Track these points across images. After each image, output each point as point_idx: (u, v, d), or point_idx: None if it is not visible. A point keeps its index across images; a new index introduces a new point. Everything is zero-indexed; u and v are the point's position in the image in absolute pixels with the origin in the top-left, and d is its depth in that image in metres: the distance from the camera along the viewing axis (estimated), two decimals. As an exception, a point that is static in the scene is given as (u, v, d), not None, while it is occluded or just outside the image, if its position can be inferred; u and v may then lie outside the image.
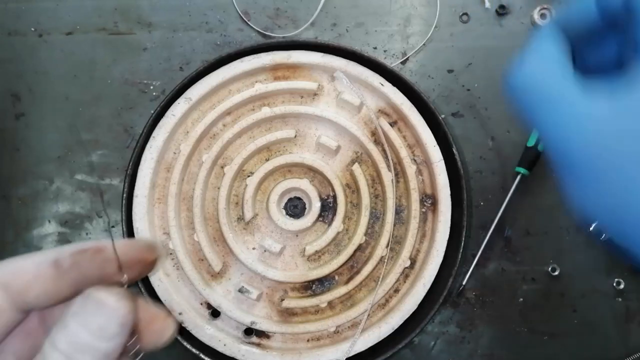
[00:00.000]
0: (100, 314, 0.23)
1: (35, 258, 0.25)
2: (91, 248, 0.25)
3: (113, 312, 0.23)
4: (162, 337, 0.26)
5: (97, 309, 0.23)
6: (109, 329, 0.22)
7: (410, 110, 0.50)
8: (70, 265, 0.24)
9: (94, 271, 0.25)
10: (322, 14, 0.56)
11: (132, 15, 0.55)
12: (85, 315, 0.23)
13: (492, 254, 0.54)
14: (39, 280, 0.24)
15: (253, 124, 0.50)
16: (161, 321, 0.26)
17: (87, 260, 0.25)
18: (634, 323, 0.54)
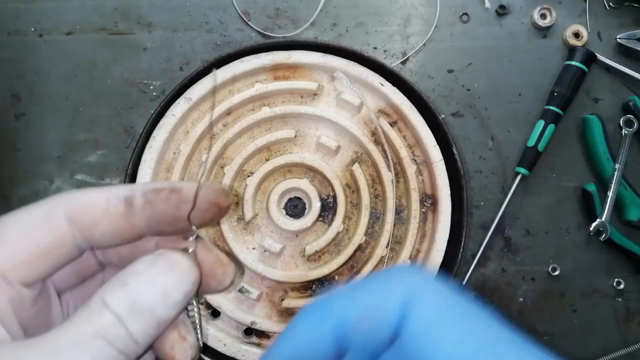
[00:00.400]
0: (170, 276, 0.21)
1: (106, 193, 0.23)
2: (166, 188, 0.23)
3: (184, 276, 0.21)
4: (223, 283, 0.25)
5: (168, 269, 0.21)
6: (174, 294, 0.21)
7: (410, 110, 0.50)
8: (143, 203, 0.23)
9: (168, 211, 0.23)
10: (322, 14, 0.56)
11: (132, 15, 0.55)
12: (152, 274, 0.21)
13: (492, 254, 0.54)
14: (108, 216, 0.22)
15: (253, 124, 0.50)
16: (223, 267, 0.25)
17: (161, 199, 0.23)
18: (634, 323, 0.54)
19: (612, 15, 0.57)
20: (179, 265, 0.22)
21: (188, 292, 0.21)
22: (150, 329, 0.21)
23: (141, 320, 0.20)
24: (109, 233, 0.23)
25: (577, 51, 0.54)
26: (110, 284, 0.21)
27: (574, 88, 0.54)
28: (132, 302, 0.20)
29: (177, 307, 0.21)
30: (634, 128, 0.55)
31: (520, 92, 0.56)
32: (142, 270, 0.21)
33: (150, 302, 0.20)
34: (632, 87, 0.56)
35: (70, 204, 0.22)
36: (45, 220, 0.22)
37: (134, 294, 0.20)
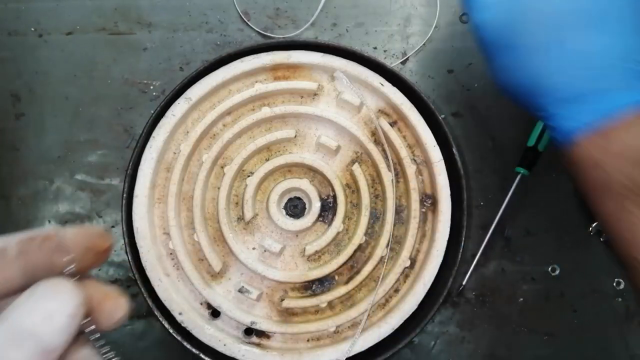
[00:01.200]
0: (51, 299, 0.21)
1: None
2: (39, 235, 0.23)
3: (66, 298, 0.21)
4: (113, 318, 0.24)
5: (49, 293, 0.21)
6: (57, 317, 0.21)
7: (410, 110, 0.50)
8: (17, 253, 0.23)
9: (43, 259, 0.23)
10: (322, 14, 0.56)
11: (132, 15, 0.55)
12: (33, 302, 0.21)
13: (492, 254, 0.54)
14: (3, 259, 0.22)
15: (253, 124, 0.50)
16: (112, 300, 0.24)
17: (35, 248, 0.23)
18: (634, 323, 0.54)
19: (612, 15, 0.57)
20: (60, 287, 0.21)
21: (73, 315, 0.21)
22: (34, 356, 0.20)
23: (22, 348, 0.20)
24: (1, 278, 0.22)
25: (577, 51, 0.54)
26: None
27: (574, 88, 0.54)
28: (13, 332, 0.20)
29: (64, 332, 0.21)
30: (634, 128, 0.55)
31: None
32: (23, 301, 0.21)
33: (32, 329, 0.20)
34: (632, 87, 0.56)
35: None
36: None
37: (15, 325, 0.20)
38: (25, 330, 0.20)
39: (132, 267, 0.47)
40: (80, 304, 0.21)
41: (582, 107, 0.30)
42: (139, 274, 0.48)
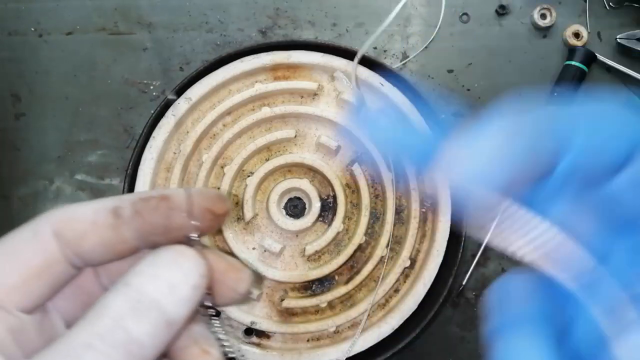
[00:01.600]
0: (175, 268, 0.19)
1: (92, 205, 0.22)
2: (155, 196, 0.22)
3: (190, 268, 0.20)
4: (237, 290, 0.23)
5: (172, 262, 0.20)
6: (181, 287, 0.19)
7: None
8: (131, 213, 0.21)
9: (159, 220, 0.21)
10: (322, 14, 0.56)
11: (132, 15, 0.55)
12: (156, 269, 0.19)
13: (492, 254, 0.54)
14: (96, 228, 0.21)
15: (253, 124, 0.50)
16: (236, 272, 0.23)
17: (150, 208, 0.21)
18: (634, 323, 0.54)
19: (612, 15, 0.57)
20: (184, 256, 0.20)
21: (197, 286, 0.20)
22: (157, 329, 0.19)
23: (146, 319, 0.19)
24: (98, 246, 0.21)
25: (577, 51, 0.54)
26: (112, 288, 0.19)
27: (574, 88, 0.54)
28: (135, 300, 0.19)
29: (187, 303, 0.20)
30: (634, 128, 0.55)
31: (520, 92, 0.56)
32: (144, 268, 0.20)
33: (155, 298, 0.19)
34: (632, 87, 0.56)
35: (56, 220, 0.21)
36: (32, 239, 0.21)
37: (137, 293, 0.19)
38: (149, 299, 0.19)
39: (132, 267, 0.47)
40: (204, 275, 0.20)
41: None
42: (139, 274, 0.48)
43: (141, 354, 0.19)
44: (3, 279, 0.20)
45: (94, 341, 0.18)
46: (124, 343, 0.18)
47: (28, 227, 0.22)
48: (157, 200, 0.22)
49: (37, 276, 0.21)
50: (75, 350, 0.18)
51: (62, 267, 0.21)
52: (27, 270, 0.21)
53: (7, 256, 0.21)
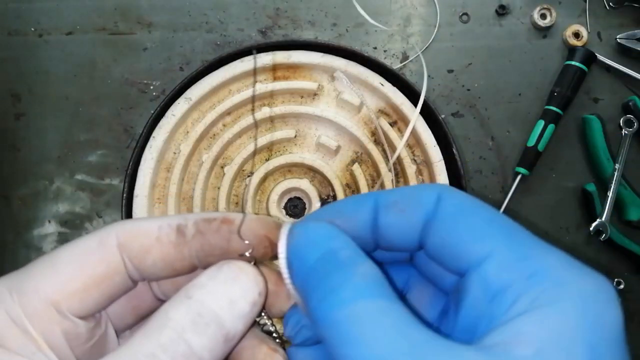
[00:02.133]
0: (235, 285, 0.20)
1: (158, 221, 0.22)
2: (218, 218, 0.22)
3: (250, 285, 0.20)
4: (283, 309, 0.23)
5: (233, 278, 0.20)
6: (240, 303, 0.20)
7: (410, 110, 0.50)
8: (194, 232, 0.22)
9: (219, 242, 0.22)
10: (322, 14, 0.56)
11: (132, 15, 0.55)
12: (217, 284, 0.20)
13: (492, 254, 0.54)
14: (160, 244, 0.22)
15: (253, 124, 0.50)
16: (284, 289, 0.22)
17: (212, 230, 0.22)
18: (634, 323, 0.54)
19: (612, 15, 0.57)
20: (244, 272, 0.21)
21: (255, 302, 0.20)
22: (216, 343, 0.19)
23: (206, 333, 0.19)
24: (159, 262, 0.22)
25: (577, 51, 0.54)
26: (174, 299, 0.20)
27: (574, 88, 0.54)
28: (196, 314, 0.19)
29: (245, 319, 0.20)
30: (634, 128, 0.55)
31: (520, 92, 0.56)
32: (206, 282, 0.20)
33: (215, 313, 0.19)
34: (632, 87, 0.56)
35: (122, 232, 0.22)
36: (98, 248, 0.22)
37: (198, 306, 0.19)
38: (209, 313, 0.19)
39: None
40: (262, 293, 0.21)
41: None
42: (139, 274, 0.48)
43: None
44: (65, 284, 0.21)
45: (157, 352, 0.18)
46: (185, 356, 0.19)
47: (95, 236, 0.22)
48: (218, 223, 0.22)
49: (98, 285, 0.21)
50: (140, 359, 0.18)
51: (121, 278, 0.22)
52: (89, 278, 0.21)
53: (72, 262, 0.21)
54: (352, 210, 0.22)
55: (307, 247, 0.20)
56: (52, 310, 0.20)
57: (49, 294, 0.20)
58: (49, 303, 0.20)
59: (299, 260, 0.20)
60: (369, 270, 0.19)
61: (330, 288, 0.18)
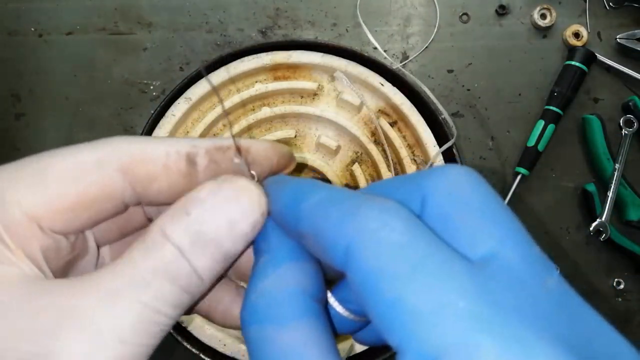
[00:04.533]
0: (236, 204, 0.19)
1: (165, 146, 0.20)
2: (228, 145, 0.21)
3: (252, 205, 0.19)
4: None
5: (234, 196, 0.19)
6: (241, 225, 0.19)
7: (410, 110, 0.50)
8: (207, 162, 0.20)
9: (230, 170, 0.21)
10: (322, 14, 0.56)
11: (132, 15, 0.55)
12: (217, 202, 0.19)
13: (492, 254, 0.54)
14: (167, 172, 0.20)
15: (253, 124, 0.50)
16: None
17: (227, 159, 0.21)
18: (634, 323, 0.54)
19: (612, 15, 0.57)
20: (247, 191, 0.19)
21: (256, 224, 0.19)
22: (215, 263, 0.19)
23: (205, 253, 0.18)
24: (165, 191, 0.20)
25: (577, 51, 0.54)
26: (170, 213, 0.19)
27: (574, 88, 0.54)
28: (196, 233, 0.18)
29: (245, 240, 0.19)
30: (634, 128, 0.55)
31: (520, 92, 0.56)
32: (205, 198, 0.19)
33: (215, 234, 0.18)
34: (632, 87, 0.56)
35: (126, 155, 0.20)
36: (96, 168, 0.20)
37: (197, 225, 0.18)
38: (208, 235, 0.18)
39: (132, 267, 0.47)
40: (265, 213, 0.19)
41: None
42: (139, 274, 0.48)
43: (199, 288, 0.19)
44: (52, 201, 0.19)
45: (159, 269, 0.18)
46: (187, 275, 0.18)
47: (95, 151, 0.20)
48: (232, 151, 0.21)
49: (89, 207, 0.20)
50: (143, 276, 0.18)
51: (116, 203, 0.20)
52: (80, 198, 0.20)
53: (64, 176, 0.19)
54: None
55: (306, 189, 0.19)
56: (34, 226, 0.19)
57: (33, 208, 0.19)
58: (31, 217, 0.19)
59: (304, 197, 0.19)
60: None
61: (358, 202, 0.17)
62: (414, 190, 0.18)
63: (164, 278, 0.18)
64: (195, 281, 0.18)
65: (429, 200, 0.17)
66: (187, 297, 0.18)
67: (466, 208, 0.17)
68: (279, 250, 0.19)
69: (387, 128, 0.50)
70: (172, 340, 0.47)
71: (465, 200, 0.17)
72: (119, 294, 0.17)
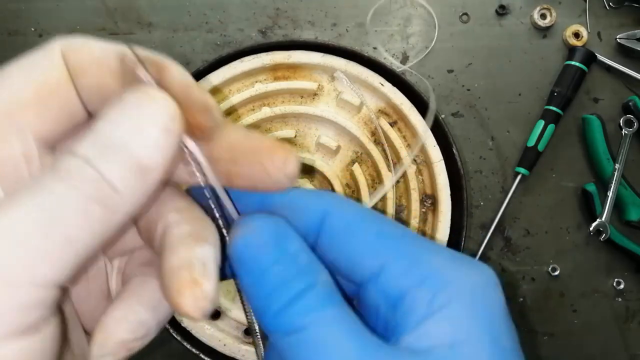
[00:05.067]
0: (141, 110, 0.18)
1: (101, 43, 0.20)
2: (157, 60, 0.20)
3: (158, 109, 0.18)
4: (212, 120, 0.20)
5: (138, 105, 0.18)
6: (150, 130, 0.18)
7: (410, 110, 0.50)
8: (133, 67, 0.20)
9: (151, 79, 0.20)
10: (322, 14, 0.56)
11: (132, 15, 0.55)
12: (120, 112, 0.18)
13: (492, 254, 0.54)
14: (100, 66, 0.20)
15: (253, 124, 0.50)
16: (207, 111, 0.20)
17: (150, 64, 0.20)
18: (634, 323, 0.54)
19: (612, 15, 0.57)
20: (150, 97, 0.18)
21: (167, 129, 0.18)
22: (128, 172, 0.17)
23: (115, 161, 0.17)
24: (94, 87, 0.20)
25: (577, 51, 0.54)
26: (77, 137, 0.18)
27: (574, 88, 0.54)
28: (102, 145, 0.17)
29: (160, 148, 0.18)
30: (634, 128, 0.55)
31: (520, 92, 0.56)
32: (109, 111, 0.18)
33: (123, 142, 0.17)
34: (632, 87, 0.56)
35: (65, 45, 0.20)
36: (44, 59, 0.20)
37: (103, 137, 0.18)
38: (115, 143, 0.17)
39: (132, 267, 0.47)
40: (175, 117, 0.18)
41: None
42: (139, 274, 0.48)
43: (114, 198, 0.17)
44: (17, 94, 0.19)
45: (64, 178, 0.17)
46: (94, 180, 0.17)
47: (40, 49, 0.20)
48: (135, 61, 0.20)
49: (47, 98, 0.20)
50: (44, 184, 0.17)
51: (68, 93, 0.20)
52: (40, 87, 0.19)
53: (20, 74, 0.19)
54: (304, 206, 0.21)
55: (261, 247, 0.19)
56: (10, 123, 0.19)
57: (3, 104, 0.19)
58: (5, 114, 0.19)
59: (252, 261, 0.19)
60: (326, 278, 0.19)
61: (296, 295, 0.18)
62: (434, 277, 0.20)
63: (65, 185, 0.17)
64: (107, 190, 0.17)
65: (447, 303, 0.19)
66: (101, 209, 0.17)
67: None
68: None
69: (387, 128, 0.50)
70: (172, 340, 0.47)
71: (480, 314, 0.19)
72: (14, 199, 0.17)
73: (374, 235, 0.20)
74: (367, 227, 0.21)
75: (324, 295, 0.19)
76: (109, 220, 0.17)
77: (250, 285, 0.19)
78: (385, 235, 0.20)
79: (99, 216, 0.17)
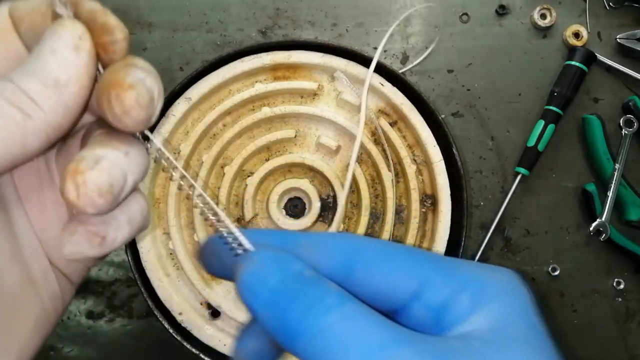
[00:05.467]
0: (51, 38, 0.20)
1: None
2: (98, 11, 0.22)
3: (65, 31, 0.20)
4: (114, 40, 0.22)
5: (49, 34, 0.21)
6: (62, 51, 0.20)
7: (410, 110, 0.50)
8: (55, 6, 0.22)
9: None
10: (322, 14, 0.56)
11: (132, 15, 0.55)
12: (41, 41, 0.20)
13: (492, 254, 0.54)
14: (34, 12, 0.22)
15: (253, 124, 0.50)
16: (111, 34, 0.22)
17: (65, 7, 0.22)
18: (634, 323, 0.54)
19: (612, 15, 0.57)
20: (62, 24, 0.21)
21: (77, 46, 0.20)
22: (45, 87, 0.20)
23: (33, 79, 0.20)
24: (30, 29, 0.22)
25: (577, 51, 0.54)
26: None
27: (574, 88, 0.54)
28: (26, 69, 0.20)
29: (73, 64, 0.20)
30: (634, 128, 0.55)
31: (520, 92, 0.56)
32: (35, 45, 0.21)
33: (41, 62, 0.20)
34: (632, 87, 0.56)
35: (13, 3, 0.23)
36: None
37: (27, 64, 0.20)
38: (35, 67, 0.20)
39: (132, 267, 0.47)
40: (83, 36, 0.20)
41: None
42: (138, 274, 0.48)
43: (35, 109, 0.20)
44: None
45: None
46: (11, 91, 0.19)
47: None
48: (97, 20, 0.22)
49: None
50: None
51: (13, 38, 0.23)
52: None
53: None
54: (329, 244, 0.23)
55: (266, 273, 0.20)
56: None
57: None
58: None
59: (260, 285, 0.20)
60: (337, 287, 0.20)
61: (313, 300, 0.19)
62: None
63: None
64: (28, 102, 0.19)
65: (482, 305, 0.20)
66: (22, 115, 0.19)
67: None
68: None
69: (387, 128, 0.50)
70: (172, 340, 0.47)
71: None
72: None
73: (406, 256, 0.22)
74: (398, 252, 0.22)
75: (340, 294, 0.19)
76: (30, 127, 0.20)
77: (265, 308, 0.20)
78: (416, 255, 0.22)
79: (19, 120, 0.19)
